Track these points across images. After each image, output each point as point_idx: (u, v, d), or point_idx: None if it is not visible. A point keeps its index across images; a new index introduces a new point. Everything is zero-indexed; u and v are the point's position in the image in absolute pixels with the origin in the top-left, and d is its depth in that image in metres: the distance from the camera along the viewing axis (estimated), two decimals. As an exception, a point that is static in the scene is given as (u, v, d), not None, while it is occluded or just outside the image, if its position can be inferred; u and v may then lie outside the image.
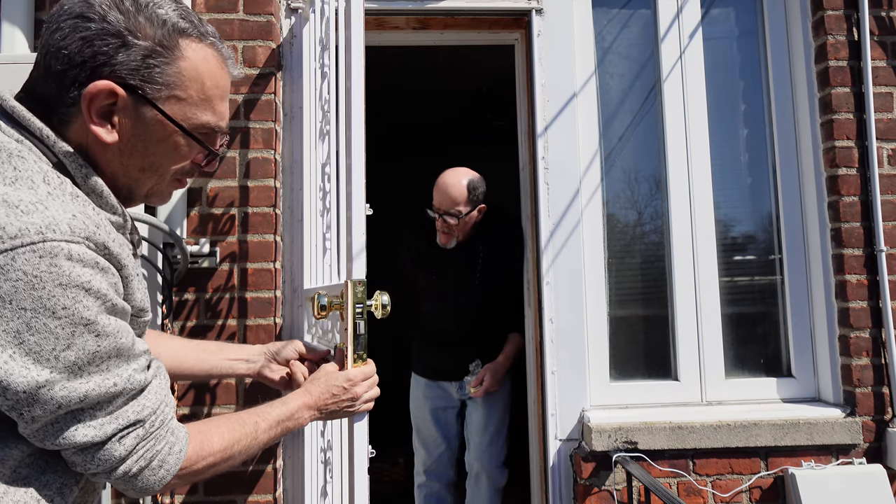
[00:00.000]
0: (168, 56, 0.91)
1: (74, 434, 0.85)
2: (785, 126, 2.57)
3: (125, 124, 0.91)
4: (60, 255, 0.79)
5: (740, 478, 2.26)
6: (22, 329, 0.79)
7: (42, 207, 0.80)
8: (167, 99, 0.92)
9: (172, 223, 2.12)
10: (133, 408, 0.90)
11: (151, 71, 0.90)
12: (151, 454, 0.92)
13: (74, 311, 0.81)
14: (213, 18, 2.26)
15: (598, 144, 2.53)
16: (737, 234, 2.58)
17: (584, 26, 2.55)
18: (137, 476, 0.92)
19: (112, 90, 0.88)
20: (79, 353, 0.83)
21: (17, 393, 0.80)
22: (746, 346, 2.52)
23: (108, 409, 0.87)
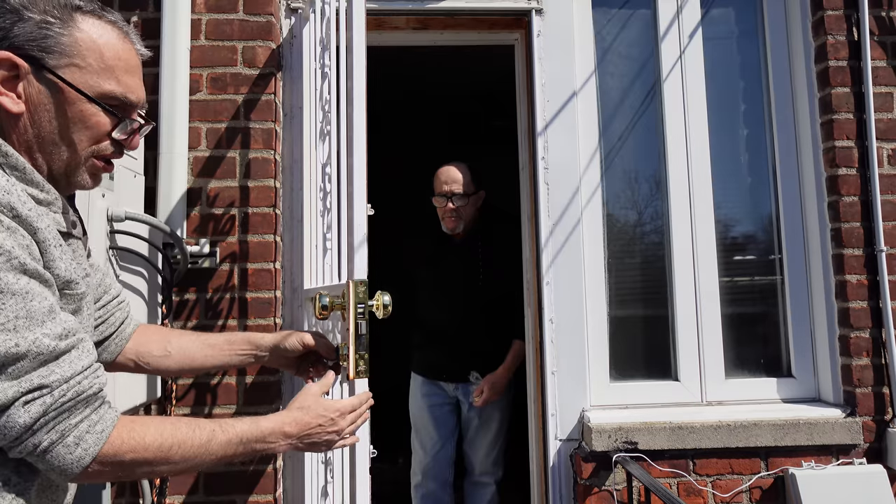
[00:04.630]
0: (63, 27, 0.95)
1: None
2: (785, 126, 2.57)
3: (31, 94, 0.95)
4: None
5: (740, 478, 2.26)
6: None
7: None
8: (66, 67, 0.95)
9: (172, 223, 2.11)
10: (40, 373, 0.87)
11: (47, 41, 0.94)
12: (64, 427, 0.88)
13: None
14: (212, 18, 2.26)
15: (597, 144, 2.53)
16: (737, 234, 2.58)
17: (584, 26, 2.55)
18: (50, 451, 0.88)
19: (11, 59, 0.92)
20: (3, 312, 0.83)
21: None
22: (746, 346, 2.52)
23: (10, 371, 0.85)
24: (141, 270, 1.97)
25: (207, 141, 2.22)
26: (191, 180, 2.20)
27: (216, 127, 2.23)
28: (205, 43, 2.25)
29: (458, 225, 2.76)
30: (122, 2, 2.26)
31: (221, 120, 2.23)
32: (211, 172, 2.21)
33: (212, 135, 2.23)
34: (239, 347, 1.40)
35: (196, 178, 2.21)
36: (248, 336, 1.44)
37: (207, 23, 2.26)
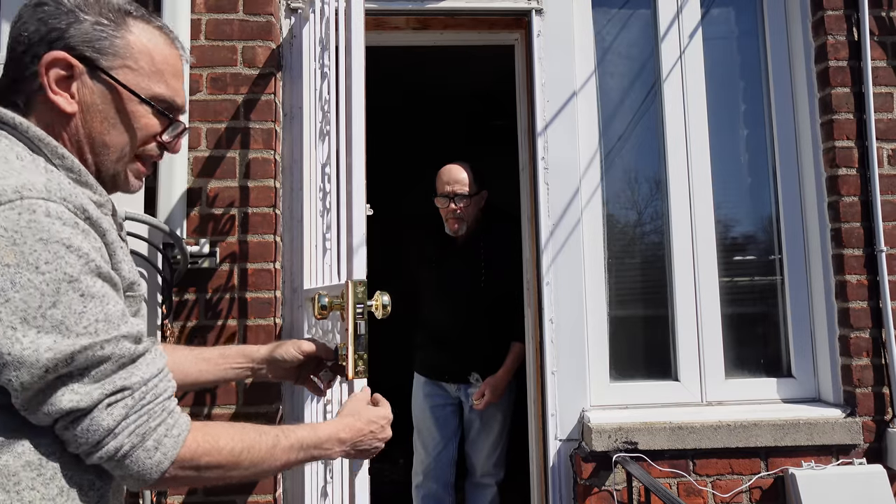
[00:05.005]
0: (116, 30, 0.97)
1: (61, 399, 0.82)
2: (785, 126, 2.57)
3: (84, 94, 0.96)
4: (39, 212, 0.81)
5: (740, 478, 2.26)
6: (6, 286, 0.79)
7: (16, 173, 0.83)
8: (119, 68, 0.97)
9: (172, 223, 2.11)
10: (121, 375, 0.87)
11: (102, 42, 0.95)
12: (144, 430, 0.88)
13: (57, 266, 0.81)
14: (212, 18, 2.26)
15: (597, 144, 2.53)
16: (737, 235, 2.58)
17: (584, 26, 2.55)
18: (130, 455, 0.87)
19: (66, 59, 0.93)
20: (65, 311, 0.82)
21: (3, 356, 0.79)
22: (746, 346, 2.52)
23: (94, 374, 0.85)
24: (141, 270, 1.97)
25: (207, 141, 2.22)
26: (191, 180, 2.21)
27: (216, 127, 2.23)
28: (205, 43, 2.25)
29: (462, 227, 2.76)
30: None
31: (221, 120, 2.23)
32: (211, 172, 2.22)
33: (212, 135, 2.23)
34: (234, 361, 1.38)
35: (196, 178, 2.21)
36: (243, 349, 1.42)
37: (207, 23, 2.26)
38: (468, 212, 2.74)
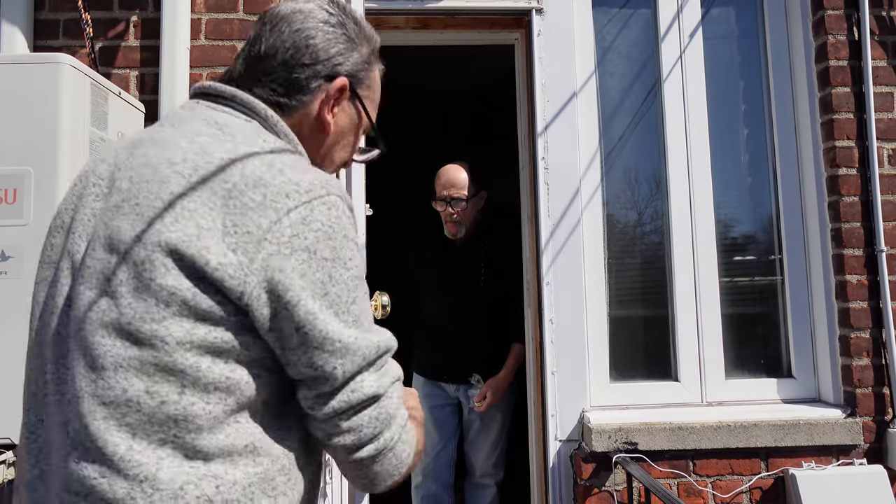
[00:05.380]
0: (370, 65, 1.04)
1: (363, 385, 0.82)
2: (785, 126, 2.56)
3: (340, 116, 1.01)
4: (341, 209, 0.84)
5: (740, 478, 2.25)
6: (325, 280, 0.80)
7: (311, 168, 0.88)
8: (366, 98, 1.03)
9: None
10: (391, 366, 0.89)
11: (363, 73, 1.01)
12: (403, 422, 0.88)
13: (355, 263, 0.85)
14: (212, 18, 2.26)
15: (598, 144, 2.52)
16: (737, 235, 2.58)
17: (585, 26, 2.55)
18: (393, 449, 0.87)
19: (345, 86, 0.98)
20: (361, 307, 0.84)
21: (334, 342, 0.80)
22: (746, 346, 2.52)
23: (379, 365, 0.86)
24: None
25: (207, 141, 2.22)
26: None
27: (216, 127, 2.22)
28: (205, 43, 2.25)
29: (460, 230, 2.75)
30: (122, 2, 2.26)
31: (221, 120, 2.23)
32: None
33: (211, 135, 2.22)
34: None
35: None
36: None
37: (207, 22, 2.26)
38: (466, 215, 2.73)
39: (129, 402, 0.76)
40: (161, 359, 0.77)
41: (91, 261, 0.81)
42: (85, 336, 0.78)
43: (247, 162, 0.83)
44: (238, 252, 0.77)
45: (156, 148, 0.87)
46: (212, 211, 0.79)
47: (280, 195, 0.80)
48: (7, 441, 1.48)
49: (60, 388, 0.81)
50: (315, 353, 0.80)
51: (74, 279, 0.82)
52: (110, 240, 0.80)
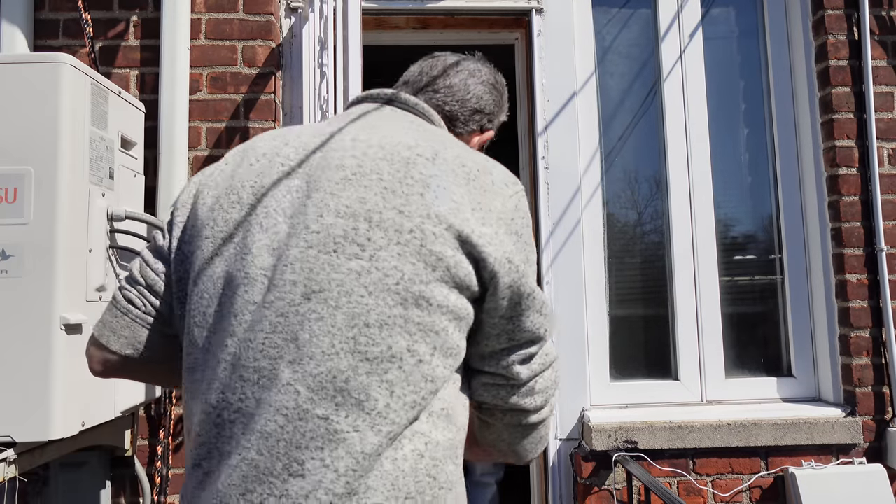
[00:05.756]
0: None
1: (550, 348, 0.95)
2: (785, 126, 2.56)
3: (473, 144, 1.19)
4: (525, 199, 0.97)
5: (740, 477, 2.26)
6: (528, 260, 0.91)
7: None
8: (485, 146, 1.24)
9: (172, 223, 2.11)
10: None
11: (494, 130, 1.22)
12: None
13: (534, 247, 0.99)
14: (212, 18, 2.26)
15: (598, 144, 2.53)
16: (737, 234, 2.58)
17: (585, 26, 2.55)
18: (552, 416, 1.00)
19: (490, 138, 1.20)
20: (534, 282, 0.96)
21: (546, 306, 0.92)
22: (746, 345, 2.52)
23: None
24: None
25: (207, 140, 2.22)
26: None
27: (216, 126, 2.23)
28: (205, 42, 2.25)
29: None
30: (122, 1, 2.26)
31: (221, 119, 2.23)
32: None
33: (211, 134, 2.23)
34: None
35: (196, 178, 2.21)
36: None
37: (207, 22, 2.26)
38: None
39: (393, 358, 0.80)
40: (424, 319, 0.82)
41: (320, 228, 0.84)
42: (336, 296, 0.81)
43: (470, 152, 0.94)
44: (487, 225, 0.86)
45: (369, 133, 0.93)
46: (459, 188, 0.87)
47: (502, 183, 0.92)
48: (7, 439, 1.48)
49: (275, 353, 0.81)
50: (535, 316, 0.90)
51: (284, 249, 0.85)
52: (350, 209, 0.84)
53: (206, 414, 0.84)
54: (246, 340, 0.83)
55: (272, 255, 0.85)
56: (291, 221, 0.86)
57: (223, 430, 0.82)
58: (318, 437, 0.78)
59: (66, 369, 1.54)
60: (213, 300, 0.87)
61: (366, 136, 0.92)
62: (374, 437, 0.78)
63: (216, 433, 0.83)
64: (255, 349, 0.82)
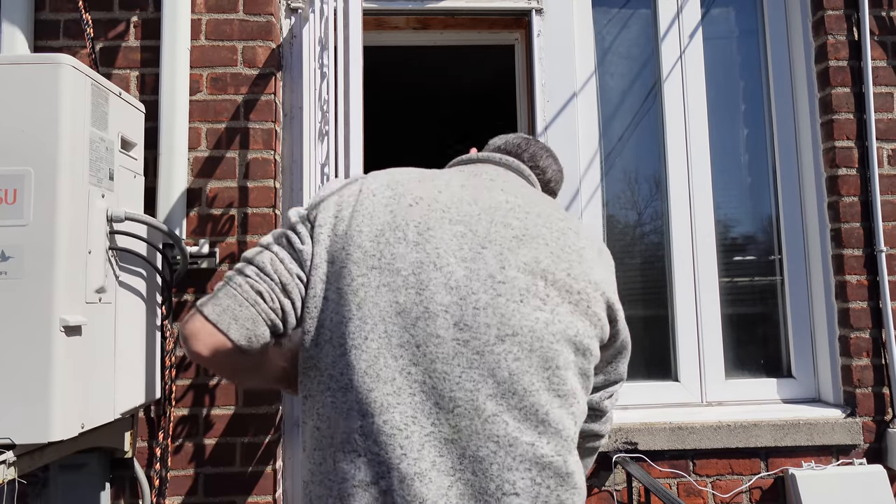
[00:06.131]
0: None
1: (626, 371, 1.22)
2: (785, 126, 2.56)
3: None
4: None
5: (740, 478, 2.26)
6: None
7: None
8: None
9: (172, 224, 2.11)
10: None
11: None
12: None
13: None
14: (212, 18, 2.26)
15: (597, 145, 2.53)
16: (737, 235, 2.58)
17: (584, 26, 2.55)
18: None
19: None
20: None
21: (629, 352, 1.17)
22: (746, 346, 2.52)
23: None
24: (140, 271, 1.96)
25: (207, 141, 2.22)
26: (190, 180, 2.20)
27: (216, 127, 2.23)
28: (205, 43, 2.25)
29: None
30: (123, 2, 2.26)
31: (221, 120, 2.23)
32: (210, 173, 2.21)
33: (212, 135, 2.22)
34: None
35: (196, 179, 2.21)
36: None
37: (207, 23, 2.26)
38: None
39: (574, 395, 0.98)
40: (585, 366, 1.01)
41: (505, 279, 0.97)
42: (529, 341, 0.95)
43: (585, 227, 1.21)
44: (616, 294, 1.09)
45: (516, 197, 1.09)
46: (596, 261, 1.07)
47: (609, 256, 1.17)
48: (7, 441, 1.48)
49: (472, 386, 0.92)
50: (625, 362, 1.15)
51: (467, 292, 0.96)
52: (528, 266, 0.99)
53: (388, 435, 0.91)
54: (438, 372, 0.93)
55: (449, 293, 0.95)
56: (468, 266, 0.97)
57: (408, 452, 0.90)
58: (527, 461, 0.92)
59: (66, 371, 1.54)
60: (378, 327, 0.94)
61: (514, 200, 1.08)
62: (572, 459, 0.96)
63: (400, 454, 0.90)
64: (451, 381, 0.92)
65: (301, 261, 1.00)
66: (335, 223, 1.01)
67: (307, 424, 0.99)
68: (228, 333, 0.95)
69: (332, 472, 0.92)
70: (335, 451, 0.92)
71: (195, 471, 2.11)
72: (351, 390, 0.93)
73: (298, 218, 1.05)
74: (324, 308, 0.97)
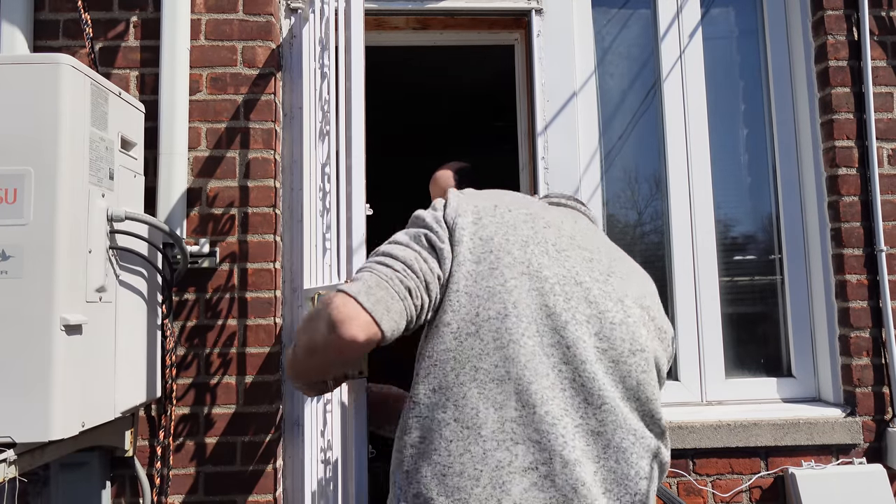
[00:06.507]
0: None
1: None
2: (785, 126, 2.57)
3: None
4: None
5: (740, 477, 2.26)
6: None
7: None
8: None
9: (172, 223, 2.11)
10: None
11: None
12: None
13: None
14: (212, 18, 2.26)
15: (597, 144, 2.53)
16: (737, 234, 2.58)
17: (584, 26, 2.55)
18: None
19: None
20: None
21: None
22: (746, 345, 2.52)
23: None
24: (141, 270, 1.97)
25: (207, 141, 2.22)
26: (191, 180, 2.21)
27: (216, 127, 2.23)
28: (205, 43, 2.25)
29: None
30: (122, 1, 2.26)
31: (221, 120, 2.23)
32: (211, 172, 2.22)
33: (212, 135, 2.23)
34: None
35: (196, 178, 2.21)
36: None
37: (207, 23, 2.26)
38: None
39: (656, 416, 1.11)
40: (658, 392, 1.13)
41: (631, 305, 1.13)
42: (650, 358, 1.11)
43: None
44: None
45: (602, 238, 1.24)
46: None
47: None
48: (7, 440, 1.48)
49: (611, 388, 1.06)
50: None
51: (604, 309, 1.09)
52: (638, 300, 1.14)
53: (550, 424, 1.00)
54: (588, 372, 1.04)
55: (589, 307, 1.08)
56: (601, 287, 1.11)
57: (567, 440, 1.01)
58: (649, 453, 1.07)
59: (66, 370, 1.54)
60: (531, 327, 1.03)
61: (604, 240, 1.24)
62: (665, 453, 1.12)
63: (562, 442, 1.00)
64: (598, 381, 1.04)
65: (440, 259, 1.05)
66: (476, 229, 1.08)
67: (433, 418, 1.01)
68: (381, 324, 0.98)
69: (482, 461, 0.96)
70: (484, 440, 0.97)
71: (196, 469, 2.11)
72: (508, 382, 1.00)
73: (433, 220, 1.10)
74: (468, 304, 1.03)
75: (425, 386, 1.02)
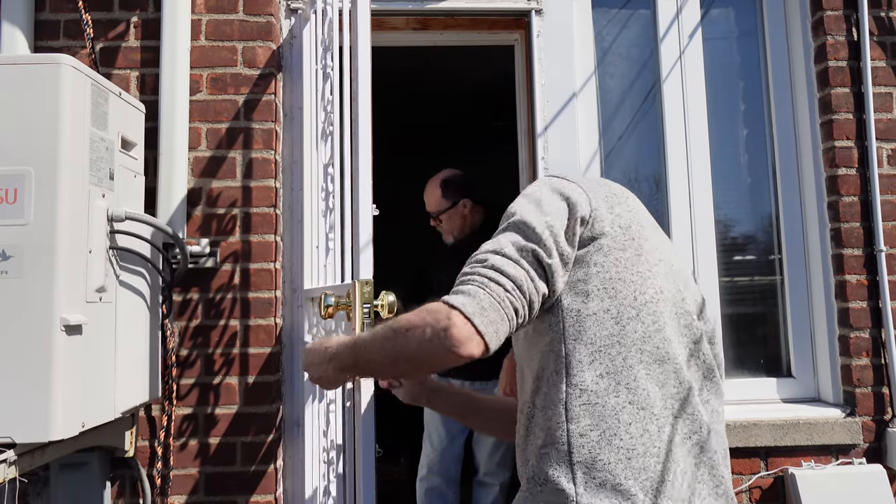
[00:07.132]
0: None
1: None
2: (785, 126, 2.57)
3: None
4: None
5: (740, 478, 2.26)
6: None
7: None
8: None
9: (173, 224, 2.11)
10: None
11: None
12: None
13: None
14: (212, 19, 2.26)
15: (597, 144, 2.53)
16: (737, 234, 2.58)
17: (584, 26, 2.55)
18: None
19: None
20: None
21: None
22: (746, 346, 2.52)
23: None
24: (141, 270, 1.96)
25: (208, 141, 2.22)
26: (191, 180, 2.20)
27: (216, 127, 2.23)
28: (205, 43, 2.25)
29: (449, 237, 2.88)
30: (122, 2, 2.25)
31: (222, 120, 2.23)
32: (211, 173, 2.21)
33: (212, 135, 2.22)
34: None
35: (197, 179, 2.21)
36: None
37: (207, 23, 2.26)
38: (450, 224, 2.84)
39: None
40: None
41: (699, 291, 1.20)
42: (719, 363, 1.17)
43: None
44: None
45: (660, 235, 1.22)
46: None
47: None
48: (7, 440, 1.48)
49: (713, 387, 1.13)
50: None
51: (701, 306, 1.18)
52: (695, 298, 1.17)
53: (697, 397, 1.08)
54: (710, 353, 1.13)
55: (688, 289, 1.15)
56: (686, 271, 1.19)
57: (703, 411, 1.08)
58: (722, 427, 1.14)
59: (67, 370, 1.54)
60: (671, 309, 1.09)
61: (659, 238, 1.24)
62: None
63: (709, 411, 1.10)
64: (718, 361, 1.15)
65: (547, 277, 1.05)
66: (613, 218, 1.11)
67: (605, 404, 1.03)
68: (489, 343, 1.01)
69: (657, 436, 1.02)
70: (657, 418, 1.02)
71: (197, 470, 2.11)
72: (668, 362, 1.05)
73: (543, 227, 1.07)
74: (625, 290, 1.06)
75: (592, 372, 1.04)
